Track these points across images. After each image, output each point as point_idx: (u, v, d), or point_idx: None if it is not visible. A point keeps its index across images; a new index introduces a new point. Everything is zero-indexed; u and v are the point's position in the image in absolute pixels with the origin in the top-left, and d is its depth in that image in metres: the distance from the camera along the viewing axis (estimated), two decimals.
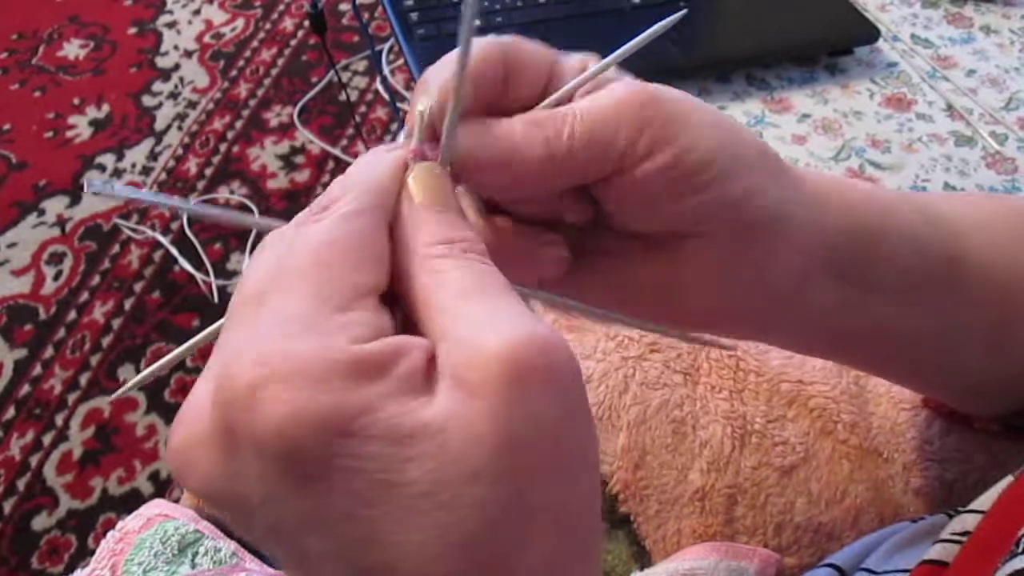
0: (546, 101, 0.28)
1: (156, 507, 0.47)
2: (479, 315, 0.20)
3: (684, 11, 0.28)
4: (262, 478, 0.19)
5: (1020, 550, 0.23)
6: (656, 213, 0.28)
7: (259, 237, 1.29)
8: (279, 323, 0.20)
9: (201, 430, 0.21)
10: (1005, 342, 0.35)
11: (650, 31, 0.28)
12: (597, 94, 0.27)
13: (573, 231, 0.30)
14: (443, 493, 0.19)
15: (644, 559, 0.45)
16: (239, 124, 1.56)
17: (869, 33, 0.75)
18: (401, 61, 1.51)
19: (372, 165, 0.24)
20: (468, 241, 0.23)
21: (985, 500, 0.31)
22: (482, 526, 0.19)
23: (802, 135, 0.69)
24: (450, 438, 0.19)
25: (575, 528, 0.20)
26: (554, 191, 0.28)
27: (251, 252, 1.35)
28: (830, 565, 0.40)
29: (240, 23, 1.74)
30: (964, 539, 0.30)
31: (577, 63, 0.29)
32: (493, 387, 0.19)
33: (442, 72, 0.26)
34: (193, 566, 0.44)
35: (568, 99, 0.28)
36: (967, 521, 0.31)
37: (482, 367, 0.19)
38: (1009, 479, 0.29)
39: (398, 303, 0.23)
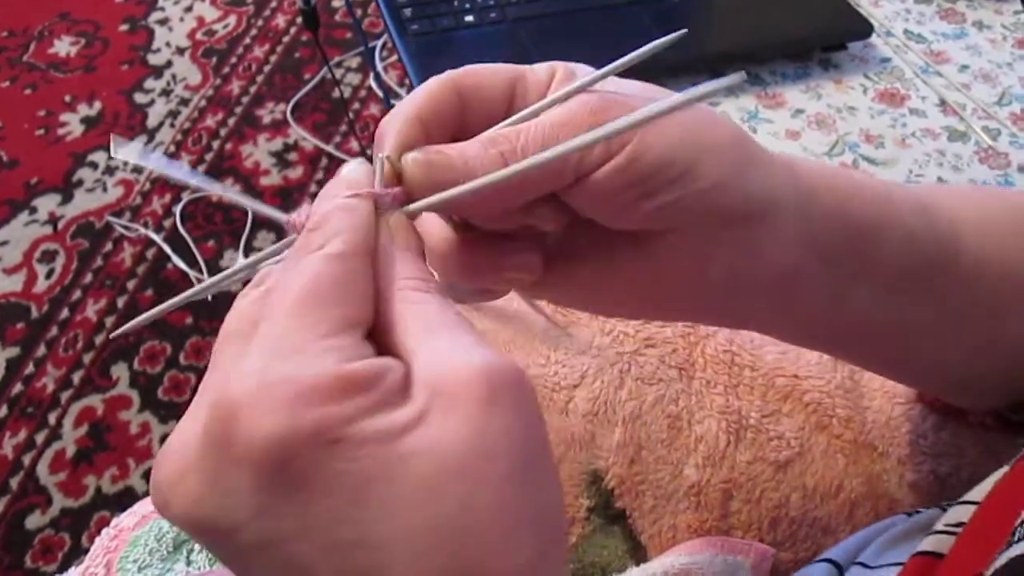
0: (507, 120, 0.28)
1: (151, 505, 0.47)
2: (453, 340, 0.23)
3: (684, 31, 0.27)
4: (255, 491, 0.20)
5: (1016, 539, 0.23)
6: (625, 213, 0.28)
7: (253, 235, 1.28)
8: (269, 347, 0.21)
9: (191, 455, 0.22)
10: (995, 338, 0.36)
11: (636, 53, 0.28)
12: (552, 109, 0.28)
13: (553, 234, 0.31)
14: (432, 489, 0.20)
15: (640, 554, 0.45)
16: (232, 121, 1.55)
17: (862, 28, 0.75)
18: (395, 58, 1.51)
19: (354, 210, 0.25)
20: (430, 280, 0.25)
21: (979, 491, 0.31)
22: (469, 523, 0.20)
23: (796, 130, 0.69)
24: (438, 439, 0.20)
25: (549, 527, 0.22)
26: (522, 203, 0.28)
27: (245, 250, 1.34)
28: (826, 560, 0.40)
29: (232, 20, 1.73)
30: (959, 530, 0.30)
31: (544, 76, 0.29)
32: (474, 399, 0.21)
33: (396, 120, 0.28)
34: (188, 563, 0.44)
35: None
36: (961, 512, 0.31)
37: (464, 382, 0.21)
38: (1004, 469, 0.29)
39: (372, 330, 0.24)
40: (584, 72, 0.29)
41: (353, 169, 0.27)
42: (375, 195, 0.26)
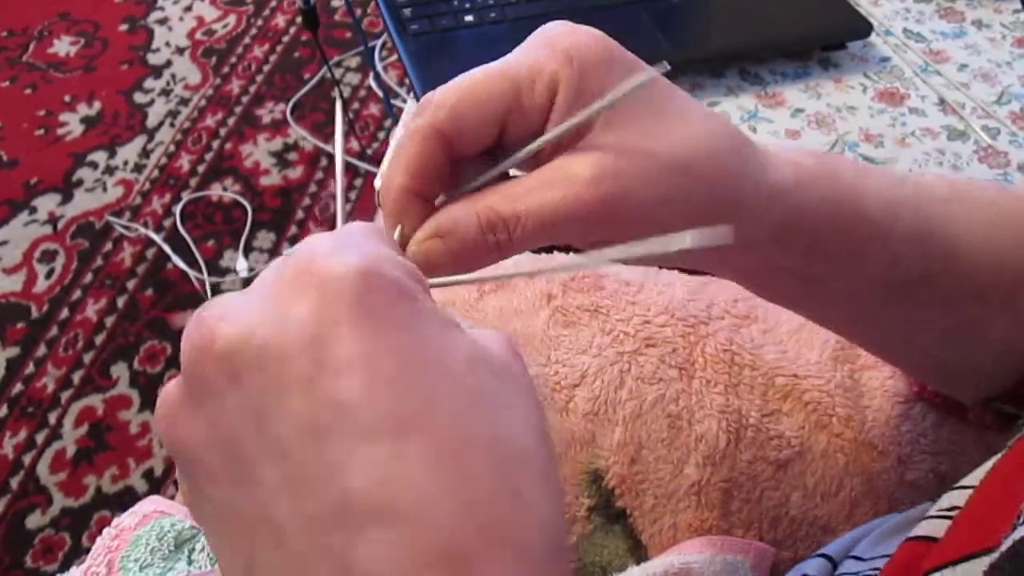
0: (507, 163, 0.29)
1: (152, 504, 0.47)
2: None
3: (666, 67, 0.27)
4: (318, 320, 0.21)
5: (1022, 520, 0.23)
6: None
7: (253, 235, 1.29)
8: (329, 238, 0.23)
9: (253, 295, 0.22)
10: (970, 338, 0.36)
11: (619, 90, 0.28)
12: (551, 184, 0.28)
13: None
14: (478, 366, 0.22)
15: (640, 553, 0.45)
16: (231, 121, 1.55)
17: (862, 28, 0.75)
18: (394, 57, 1.51)
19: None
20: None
21: (973, 477, 0.31)
22: (505, 408, 0.22)
23: (795, 129, 0.69)
24: (475, 342, 0.23)
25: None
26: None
27: (244, 250, 1.34)
28: (821, 555, 0.40)
29: (232, 20, 1.73)
30: (952, 514, 0.30)
31: (543, 99, 0.28)
32: (501, 340, 0.24)
33: (388, 196, 0.29)
34: (190, 563, 0.44)
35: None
36: (955, 497, 0.31)
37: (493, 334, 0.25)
38: (1001, 454, 0.30)
39: None
40: (595, 65, 0.29)
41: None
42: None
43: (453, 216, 0.28)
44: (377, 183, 0.30)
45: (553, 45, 0.29)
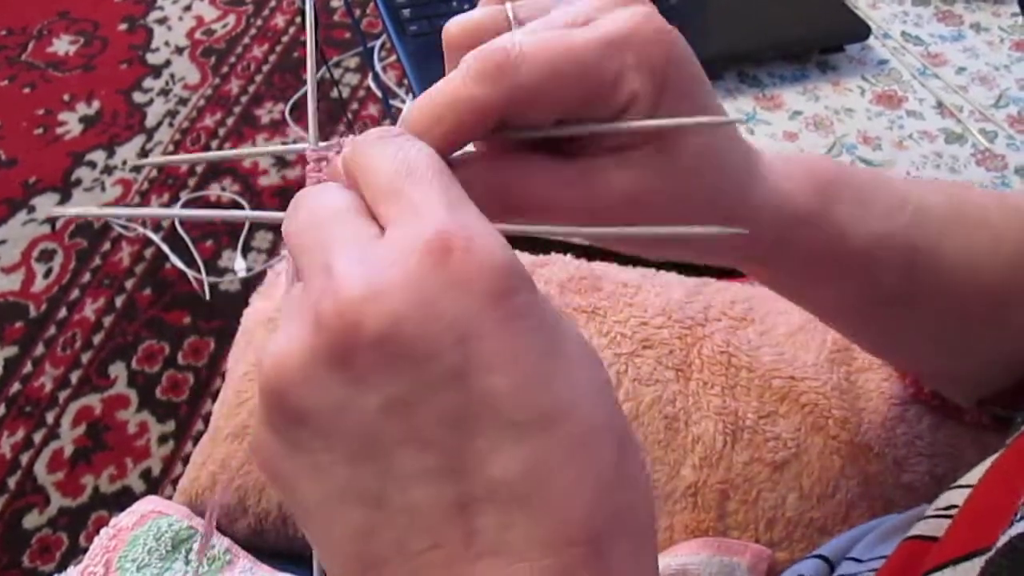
0: (559, 131, 0.28)
1: (150, 504, 0.47)
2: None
3: (743, 120, 0.29)
4: (469, 316, 0.21)
5: (1019, 517, 0.23)
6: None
7: (251, 235, 1.28)
8: (445, 199, 0.22)
9: (394, 276, 0.21)
10: (967, 341, 0.37)
11: (700, 121, 0.29)
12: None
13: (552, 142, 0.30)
14: (585, 350, 0.23)
15: None
16: (230, 121, 1.55)
17: (860, 30, 0.75)
18: (393, 58, 1.51)
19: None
20: None
21: (971, 476, 0.31)
22: (608, 391, 0.23)
23: (793, 132, 0.69)
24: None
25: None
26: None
27: (242, 250, 1.34)
28: (818, 556, 0.40)
29: (231, 19, 1.73)
30: (951, 512, 0.30)
31: (624, 101, 0.28)
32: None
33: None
34: (187, 563, 0.44)
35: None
36: (953, 496, 0.31)
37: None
38: (999, 452, 0.30)
39: None
40: (675, 79, 0.29)
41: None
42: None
43: None
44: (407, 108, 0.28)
45: (640, 54, 0.28)
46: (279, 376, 0.22)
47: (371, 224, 0.23)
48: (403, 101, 1.47)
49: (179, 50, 1.67)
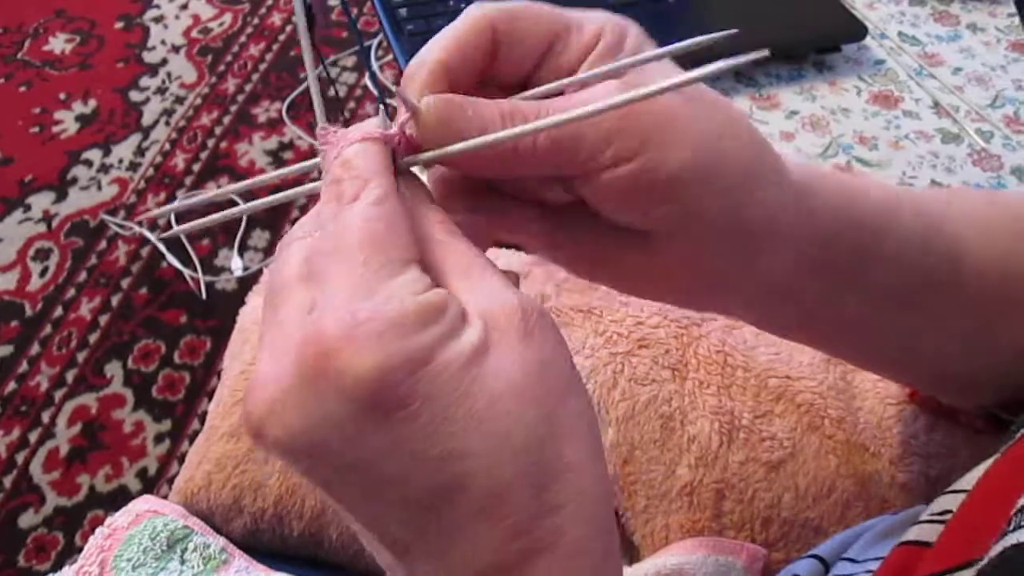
0: (530, 91, 0.28)
1: (145, 503, 0.47)
2: (488, 281, 0.25)
3: (735, 31, 0.27)
4: (351, 420, 0.22)
5: (1012, 527, 0.23)
6: (628, 214, 0.28)
7: (248, 234, 1.28)
8: (346, 291, 0.23)
9: (283, 389, 0.23)
10: (988, 341, 0.36)
11: (680, 45, 0.27)
12: (580, 94, 0.27)
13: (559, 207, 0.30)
14: (504, 405, 0.23)
15: (632, 554, 0.46)
16: (227, 119, 1.55)
17: (857, 30, 0.75)
18: (390, 57, 1.51)
19: (374, 153, 0.26)
20: (452, 222, 0.27)
21: (966, 480, 0.31)
22: (539, 431, 0.23)
23: (790, 132, 0.69)
24: (500, 364, 0.23)
25: (595, 429, 0.25)
26: (527, 174, 0.28)
27: (239, 249, 1.34)
28: (813, 556, 0.40)
29: (228, 18, 1.73)
30: (945, 518, 0.30)
31: (589, 39, 0.28)
32: (519, 331, 0.24)
33: (423, 64, 0.28)
34: (182, 562, 0.44)
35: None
36: (947, 501, 0.31)
37: (508, 317, 0.24)
38: (993, 459, 0.30)
39: None
40: (634, 37, 0.29)
41: (365, 123, 0.27)
42: (385, 136, 0.26)
43: (473, 99, 0.28)
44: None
45: (603, 16, 0.29)
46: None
47: (306, 298, 0.24)
48: None
49: (175, 48, 1.67)
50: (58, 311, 1.28)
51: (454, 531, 0.23)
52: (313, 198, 0.28)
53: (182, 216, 1.36)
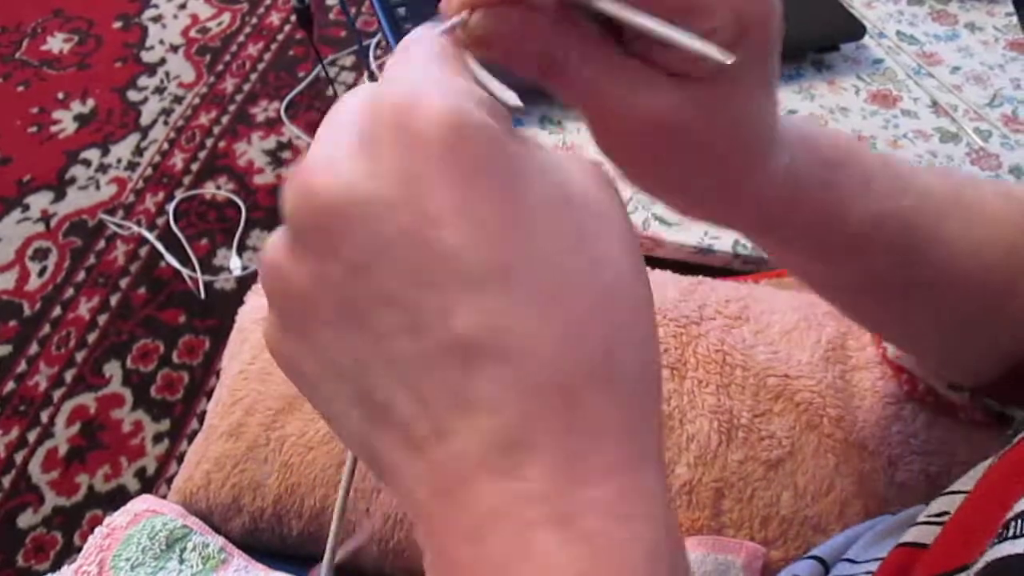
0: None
1: (144, 503, 0.47)
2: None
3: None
4: (419, 175, 0.21)
5: (1011, 533, 0.23)
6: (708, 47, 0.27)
7: (246, 233, 1.28)
8: (409, 76, 0.23)
9: (349, 146, 0.22)
10: (1000, 311, 0.36)
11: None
12: None
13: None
14: (562, 211, 0.22)
15: None
16: (225, 119, 1.55)
17: (855, 30, 0.75)
18: (388, 56, 1.51)
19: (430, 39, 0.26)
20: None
21: (964, 482, 0.31)
22: (601, 234, 0.22)
23: None
24: (569, 173, 0.23)
25: (647, 325, 0.24)
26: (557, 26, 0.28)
27: (238, 249, 1.34)
28: (813, 557, 0.40)
29: (226, 18, 1.73)
30: (943, 519, 0.30)
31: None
32: (593, 171, 0.24)
33: None
34: (181, 561, 0.44)
35: None
36: (945, 503, 0.31)
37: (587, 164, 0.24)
38: (991, 460, 0.30)
39: None
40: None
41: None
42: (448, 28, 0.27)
43: None
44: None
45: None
46: (268, 269, 0.23)
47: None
48: None
49: (174, 48, 1.67)
50: (56, 311, 1.28)
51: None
52: None
53: (180, 217, 1.35)
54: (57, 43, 1.67)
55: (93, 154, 1.49)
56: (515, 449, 0.21)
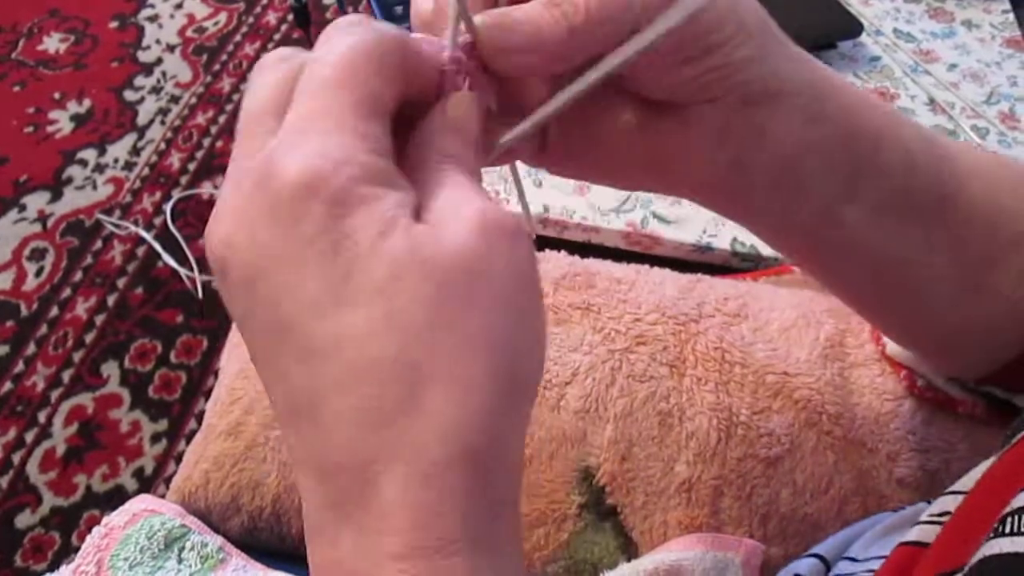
0: None
1: (142, 502, 0.47)
2: (465, 195, 0.24)
3: None
4: (271, 221, 0.22)
5: (1005, 530, 0.23)
6: (665, 77, 0.29)
7: None
8: (307, 126, 0.23)
9: (233, 199, 0.23)
10: (979, 287, 0.35)
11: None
12: None
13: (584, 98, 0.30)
14: (403, 279, 0.22)
15: (631, 550, 0.46)
16: (222, 119, 1.54)
17: (852, 27, 0.75)
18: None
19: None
20: (469, 164, 0.26)
21: (966, 481, 0.31)
22: (424, 322, 0.22)
23: None
24: (423, 243, 0.22)
25: (518, 374, 0.23)
26: (573, 65, 0.28)
27: None
28: (814, 555, 0.40)
29: (223, 17, 1.73)
30: (944, 519, 0.30)
31: None
32: (470, 227, 0.22)
33: None
34: (180, 561, 0.44)
35: None
36: (947, 502, 0.31)
37: (464, 214, 0.23)
38: (993, 460, 0.30)
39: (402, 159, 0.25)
40: None
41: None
42: (451, 57, 0.26)
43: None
44: None
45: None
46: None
47: (273, 128, 0.24)
48: None
49: (170, 48, 1.66)
50: (54, 311, 1.28)
51: (319, 403, 0.22)
52: None
53: (177, 216, 1.35)
54: (53, 43, 1.67)
55: (90, 154, 1.48)
56: (335, 513, 0.23)
